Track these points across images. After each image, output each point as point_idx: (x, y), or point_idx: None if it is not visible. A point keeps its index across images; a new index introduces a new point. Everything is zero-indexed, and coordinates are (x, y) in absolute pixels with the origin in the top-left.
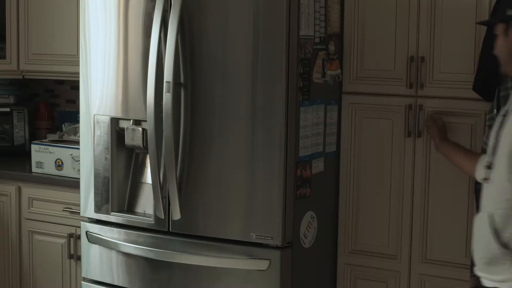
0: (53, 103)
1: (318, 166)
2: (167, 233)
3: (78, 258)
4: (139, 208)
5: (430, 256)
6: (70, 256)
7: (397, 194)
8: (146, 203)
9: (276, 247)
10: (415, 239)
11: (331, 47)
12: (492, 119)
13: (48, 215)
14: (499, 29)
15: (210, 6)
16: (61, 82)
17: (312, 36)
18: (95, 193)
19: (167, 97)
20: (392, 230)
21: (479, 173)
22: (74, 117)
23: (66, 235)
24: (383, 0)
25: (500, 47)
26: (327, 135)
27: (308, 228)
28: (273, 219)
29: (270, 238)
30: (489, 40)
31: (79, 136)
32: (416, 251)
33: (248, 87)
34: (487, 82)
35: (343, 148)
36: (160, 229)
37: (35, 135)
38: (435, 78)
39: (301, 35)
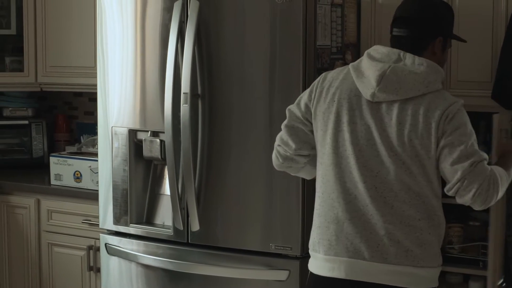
0: (71, 115)
1: None
2: (186, 244)
3: (98, 270)
4: (158, 220)
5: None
6: (90, 268)
7: None
8: (165, 214)
9: (295, 258)
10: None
11: (348, 57)
12: None
13: (67, 227)
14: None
15: (227, 17)
16: (79, 94)
17: (329, 45)
18: (114, 205)
19: (184, 108)
20: None
21: None
22: (92, 129)
23: (85, 247)
24: None
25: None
26: None
27: None
28: (292, 230)
29: (289, 249)
30: (508, 47)
31: (97, 148)
32: None
33: (265, 97)
34: (506, 90)
35: None
36: (179, 241)
37: (54, 148)
38: (452, 86)
39: (318, 45)
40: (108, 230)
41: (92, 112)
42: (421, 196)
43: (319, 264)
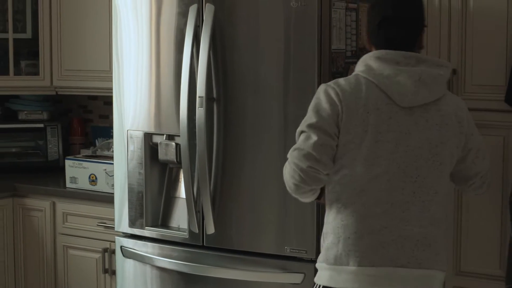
0: (86, 119)
1: None
2: (201, 247)
3: (113, 273)
4: (173, 223)
5: (464, 268)
6: (105, 271)
7: None
8: (180, 217)
9: (310, 261)
10: (449, 251)
11: None
12: None
13: (83, 230)
14: None
15: (242, 21)
16: (94, 97)
17: (344, 49)
18: (129, 207)
19: (200, 112)
20: None
21: None
22: (107, 132)
23: (100, 249)
24: None
25: None
26: None
27: None
28: (307, 233)
29: (304, 252)
30: None
31: (112, 151)
32: (450, 263)
33: (280, 101)
34: None
35: None
36: (194, 243)
37: (69, 151)
38: (466, 90)
39: (333, 49)
40: (123, 232)
41: (107, 116)
42: (447, 196)
43: (350, 277)
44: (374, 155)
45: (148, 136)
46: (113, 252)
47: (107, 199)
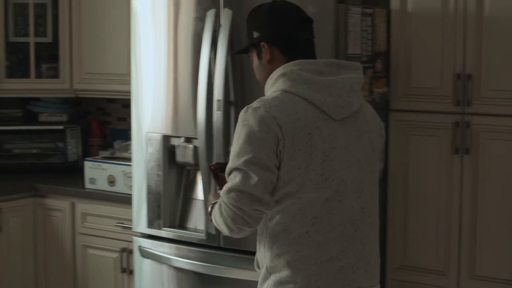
0: (105, 121)
1: None
2: (218, 248)
3: (130, 272)
4: (190, 224)
5: (479, 272)
6: (123, 270)
7: (445, 210)
8: (197, 218)
9: None
10: (464, 255)
11: (378, 65)
12: None
13: (101, 230)
14: (252, 53)
15: None
16: (113, 100)
17: (360, 54)
18: (147, 208)
19: (218, 115)
20: (440, 246)
21: None
22: (125, 134)
23: (118, 249)
24: (429, 19)
25: (256, 71)
26: None
27: None
28: None
29: None
30: None
31: (130, 153)
32: (465, 267)
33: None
34: None
35: (391, 164)
36: (211, 244)
37: (87, 152)
38: (482, 95)
39: (349, 54)
40: (141, 233)
41: (125, 118)
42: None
43: None
44: (323, 177)
45: (166, 139)
46: (131, 252)
47: (125, 200)
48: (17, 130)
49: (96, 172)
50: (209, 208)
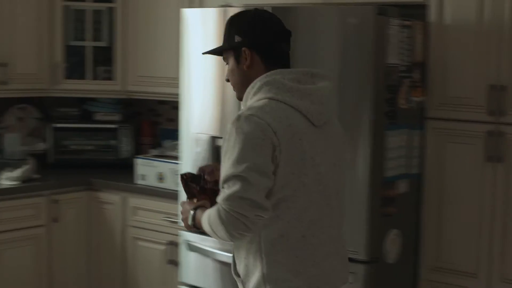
0: (155, 121)
1: (402, 186)
2: None
3: (176, 264)
4: None
5: (510, 276)
6: (169, 262)
7: (477, 214)
8: None
9: (361, 261)
10: (496, 258)
11: (416, 75)
12: None
13: (150, 223)
14: (229, 57)
15: (300, 33)
16: (163, 102)
17: (398, 64)
18: None
19: None
20: (473, 249)
21: None
22: (173, 134)
23: (165, 242)
24: (464, 31)
25: (231, 75)
26: (410, 158)
27: (392, 245)
28: (359, 235)
29: (355, 253)
30: None
31: (178, 152)
32: (497, 270)
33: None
34: None
35: (427, 170)
36: None
37: (138, 150)
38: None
39: (388, 63)
40: None
41: (174, 119)
42: None
43: None
44: (314, 181)
45: (213, 139)
46: (177, 244)
47: (173, 195)
48: (74, 128)
49: (147, 169)
50: (190, 217)
